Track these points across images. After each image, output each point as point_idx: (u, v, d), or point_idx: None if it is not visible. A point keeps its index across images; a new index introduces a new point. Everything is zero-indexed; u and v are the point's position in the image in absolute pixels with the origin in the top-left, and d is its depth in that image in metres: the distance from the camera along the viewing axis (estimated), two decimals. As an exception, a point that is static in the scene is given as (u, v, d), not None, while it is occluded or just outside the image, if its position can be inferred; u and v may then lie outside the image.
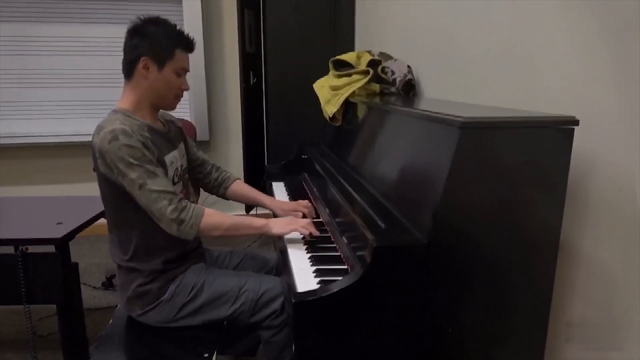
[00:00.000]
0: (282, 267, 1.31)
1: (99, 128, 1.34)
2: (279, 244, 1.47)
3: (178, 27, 1.45)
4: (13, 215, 1.91)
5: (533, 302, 1.07)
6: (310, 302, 0.98)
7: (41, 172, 3.54)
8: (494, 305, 1.06)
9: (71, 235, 1.71)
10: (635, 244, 0.97)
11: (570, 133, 0.99)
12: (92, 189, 3.42)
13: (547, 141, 0.99)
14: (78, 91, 3.48)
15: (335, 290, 0.98)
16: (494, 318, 1.07)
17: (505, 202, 1.01)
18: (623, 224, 1.00)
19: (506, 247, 1.03)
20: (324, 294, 0.98)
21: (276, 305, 1.42)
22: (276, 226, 1.45)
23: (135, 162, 1.29)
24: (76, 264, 1.80)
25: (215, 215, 1.39)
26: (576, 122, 0.98)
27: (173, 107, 1.50)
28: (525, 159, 0.99)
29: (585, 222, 1.10)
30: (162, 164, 1.40)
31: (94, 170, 1.39)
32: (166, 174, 1.40)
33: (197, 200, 1.71)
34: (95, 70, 3.46)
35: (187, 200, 1.37)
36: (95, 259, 3.21)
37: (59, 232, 1.68)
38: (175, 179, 1.49)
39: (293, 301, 0.98)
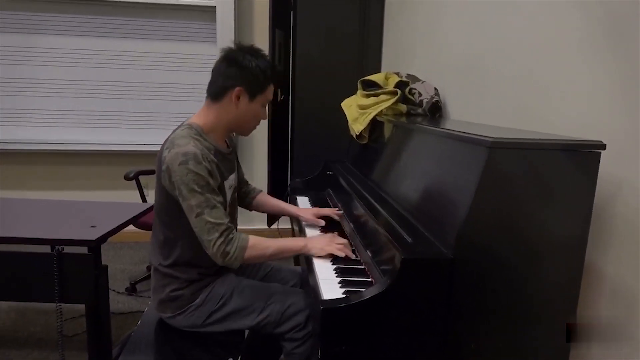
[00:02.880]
0: (308, 276, 1.34)
1: (171, 144, 1.38)
2: (305, 257, 1.51)
3: (270, 62, 1.50)
4: (50, 216, 2.00)
5: (557, 320, 1.08)
6: (338, 309, 1.02)
7: (76, 179, 3.68)
8: (517, 324, 1.08)
9: (104, 238, 1.78)
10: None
11: (597, 157, 1.02)
12: (123, 196, 3.57)
13: (573, 164, 1.02)
14: (114, 102, 3.62)
15: (362, 298, 1.02)
16: (517, 337, 1.08)
17: (530, 221, 1.03)
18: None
19: (531, 265, 1.05)
20: (352, 302, 1.02)
21: (301, 318, 1.46)
22: (315, 247, 1.48)
23: (198, 190, 1.33)
24: (106, 267, 1.86)
25: (258, 245, 1.42)
26: (603, 147, 1.01)
27: (247, 134, 1.57)
28: (552, 181, 1.02)
29: (610, 244, 1.12)
30: (222, 190, 1.46)
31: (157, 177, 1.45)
32: (225, 198, 1.45)
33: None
34: (133, 83, 3.61)
35: (235, 231, 1.41)
36: (120, 264, 3.29)
37: (92, 235, 1.75)
38: (230, 201, 1.55)
39: (321, 307, 1.02)
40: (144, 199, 2.95)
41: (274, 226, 3.78)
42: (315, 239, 1.52)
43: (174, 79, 3.65)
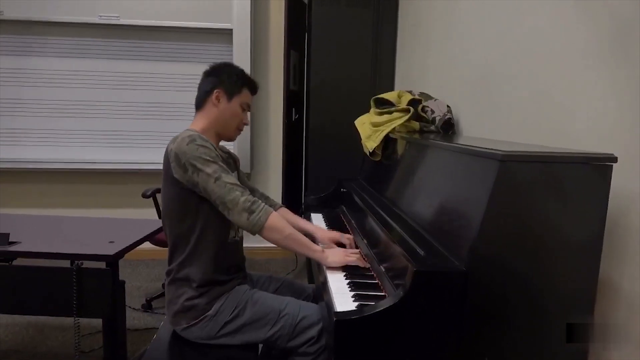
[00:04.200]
0: (322, 290, 1.35)
1: (174, 138, 1.52)
2: (319, 272, 1.52)
3: (244, 71, 1.70)
4: (69, 232, 2.05)
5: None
6: (351, 320, 1.02)
7: (95, 197, 3.77)
8: (531, 337, 1.07)
9: (121, 253, 1.82)
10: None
11: (608, 170, 1.03)
12: (140, 214, 3.63)
13: (584, 177, 1.02)
14: (133, 122, 3.72)
15: (375, 310, 1.02)
16: (531, 349, 1.07)
17: (542, 234, 1.04)
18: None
19: (544, 278, 1.05)
20: (365, 314, 1.03)
21: (313, 332, 1.47)
22: (332, 257, 1.50)
23: (211, 160, 1.46)
24: (123, 282, 1.90)
25: (281, 219, 1.51)
26: (614, 159, 1.02)
27: (233, 138, 1.71)
28: (564, 194, 1.02)
29: (625, 258, 1.11)
30: None
31: (166, 178, 1.53)
32: None
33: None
34: (152, 103, 3.71)
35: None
36: (136, 282, 3.33)
37: (110, 250, 1.79)
38: None
39: (335, 319, 1.03)
40: (160, 217, 3.00)
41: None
42: (332, 251, 1.55)
43: (192, 99, 3.72)
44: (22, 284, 1.83)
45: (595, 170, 1.02)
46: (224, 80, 1.63)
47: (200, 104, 1.66)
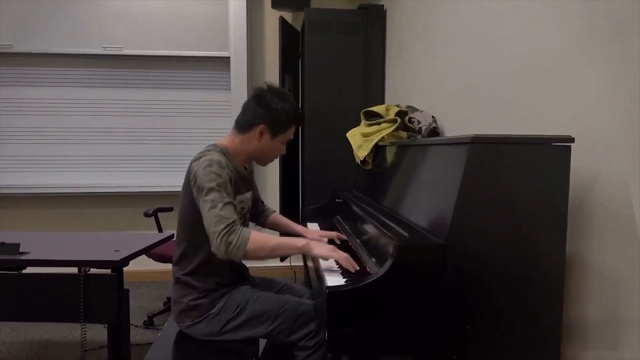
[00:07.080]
0: (316, 278, 1.44)
1: (199, 155, 1.57)
2: (315, 264, 1.61)
3: (295, 105, 1.67)
4: (77, 244, 2.14)
5: (545, 304, 1.16)
6: (342, 292, 1.11)
7: (99, 219, 3.86)
8: (507, 307, 1.16)
9: (127, 260, 1.91)
10: (635, 249, 1.08)
11: (568, 150, 1.14)
12: (143, 232, 3.66)
13: (546, 156, 1.14)
14: (137, 147, 3.86)
15: (364, 282, 1.12)
16: (508, 319, 1.16)
17: (510, 208, 1.14)
18: (623, 232, 1.11)
19: (514, 249, 1.14)
20: (354, 286, 1.12)
21: (312, 326, 1.55)
22: (317, 247, 1.52)
23: (216, 188, 1.48)
24: (127, 290, 1.98)
25: (260, 239, 1.49)
26: (572, 140, 1.14)
27: (265, 165, 1.75)
28: (528, 172, 1.14)
29: (590, 234, 1.21)
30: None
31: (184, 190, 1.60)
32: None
33: None
34: (155, 129, 3.87)
35: (240, 225, 1.51)
36: (138, 302, 3.39)
37: (116, 257, 1.89)
38: (240, 217, 1.66)
39: (327, 291, 1.12)
40: (162, 231, 3.09)
41: (286, 262, 3.87)
42: (318, 242, 1.59)
43: (192, 124, 3.89)
44: (32, 292, 1.90)
45: (556, 150, 1.14)
46: (272, 119, 1.61)
47: (241, 128, 1.65)
